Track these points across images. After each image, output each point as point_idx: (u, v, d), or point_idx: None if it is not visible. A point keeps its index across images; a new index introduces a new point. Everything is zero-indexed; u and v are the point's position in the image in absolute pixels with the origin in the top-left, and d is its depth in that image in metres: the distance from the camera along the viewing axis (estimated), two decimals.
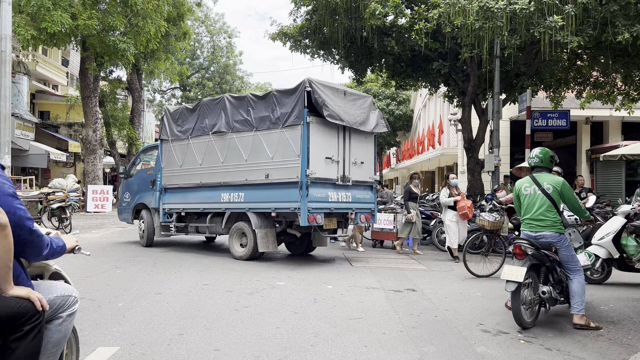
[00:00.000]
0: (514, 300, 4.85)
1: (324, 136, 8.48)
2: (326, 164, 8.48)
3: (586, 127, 19.70)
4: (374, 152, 9.80)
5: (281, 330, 4.68)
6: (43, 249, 2.38)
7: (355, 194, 9.11)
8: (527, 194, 5.22)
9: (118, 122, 26.03)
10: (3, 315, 2.06)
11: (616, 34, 9.43)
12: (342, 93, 8.94)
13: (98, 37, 18.34)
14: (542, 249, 5.01)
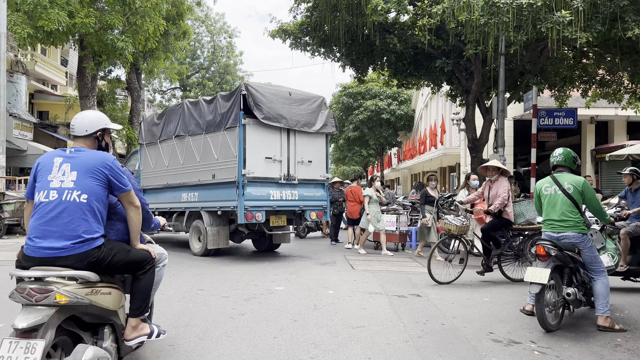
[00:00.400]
0: (537, 302, 4.73)
1: (264, 137, 8.89)
2: (266, 163, 8.92)
3: (591, 127, 19.40)
4: (325, 151, 10.02)
5: (279, 340, 4.39)
6: (151, 223, 3.71)
7: (303, 192, 9.51)
8: (548, 194, 5.11)
9: (117, 122, 25.76)
10: (136, 259, 3.30)
11: (626, 29, 9.13)
12: (286, 94, 9.39)
13: (96, 35, 18.06)
14: (565, 250, 4.89)
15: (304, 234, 13.48)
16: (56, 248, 2.91)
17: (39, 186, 3.09)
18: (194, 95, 44.53)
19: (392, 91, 31.00)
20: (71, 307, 2.85)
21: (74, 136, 3.28)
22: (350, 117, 31.82)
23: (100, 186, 3.10)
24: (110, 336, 3.17)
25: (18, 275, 2.87)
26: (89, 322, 3.06)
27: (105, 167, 3.14)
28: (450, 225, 7.30)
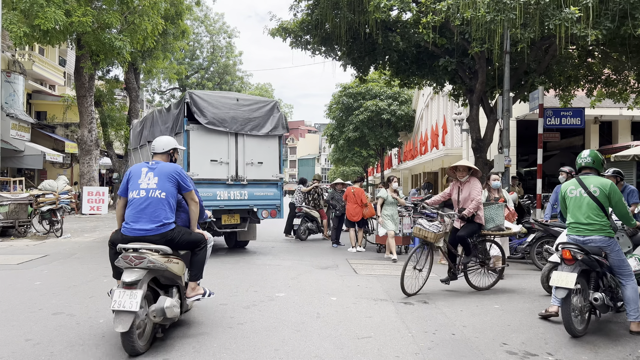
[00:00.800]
0: (564, 307, 4.66)
1: (209, 141, 9.34)
2: (212, 165, 9.34)
3: (595, 127, 19.15)
4: (277, 152, 10.28)
5: (280, 353, 4.13)
6: (204, 215, 4.98)
7: (253, 192, 9.86)
8: (573, 196, 5.01)
9: (115, 123, 25.49)
10: (195, 239, 4.56)
11: (636, 26, 8.88)
12: (233, 100, 9.78)
13: (93, 34, 17.80)
14: (591, 253, 4.79)
15: (305, 236, 13.19)
16: (145, 229, 4.28)
17: (132, 187, 4.46)
18: None
19: (392, 91, 30.74)
20: (155, 270, 4.20)
21: (154, 153, 4.75)
22: (350, 118, 31.56)
23: (173, 187, 4.48)
24: (176, 294, 4.51)
25: (123, 247, 4.17)
26: (163, 283, 4.43)
27: (176, 173, 4.53)
28: (426, 232, 6.45)
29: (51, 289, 6.39)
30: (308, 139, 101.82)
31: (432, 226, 6.53)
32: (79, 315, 5.14)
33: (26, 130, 24.55)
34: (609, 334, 4.91)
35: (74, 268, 8.06)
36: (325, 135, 38.65)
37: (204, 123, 9.22)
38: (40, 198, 12.27)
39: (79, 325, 4.78)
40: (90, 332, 4.59)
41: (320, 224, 13.51)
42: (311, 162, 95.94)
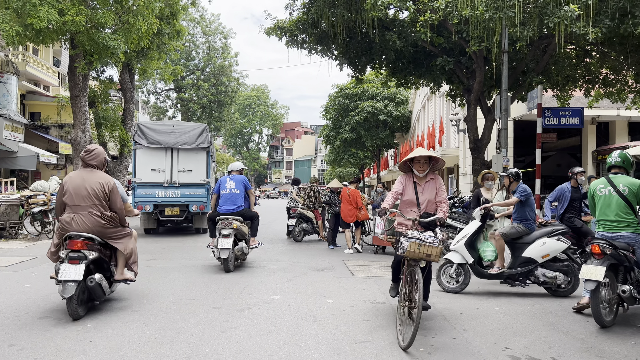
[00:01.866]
0: (593, 298, 4.94)
1: (151, 155, 13.02)
2: (152, 173, 12.98)
3: (592, 128, 19.07)
4: (205, 162, 13.43)
5: (274, 358, 3.97)
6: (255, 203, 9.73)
7: (185, 192, 13.17)
8: (602, 195, 5.30)
9: (109, 123, 25.25)
10: (253, 214, 8.68)
11: (636, 25, 8.76)
12: (170, 127, 13.52)
13: (87, 34, 17.57)
14: (619, 249, 5.07)
15: (300, 237, 13.02)
16: (230, 209, 8.18)
17: (222, 188, 8.38)
18: (189, 97, 44.09)
19: (388, 92, 30.62)
20: (237, 230, 7.97)
21: (230, 171, 8.82)
22: (346, 119, 31.41)
23: (243, 187, 8.42)
24: (245, 244, 8.21)
25: (220, 218, 8.04)
26: (239, 238, 8.18)
27: (245, 181, 8.53)
28: (430, 249, 4.51)
29: (39, 292, 6.21)
30: (304, 141, 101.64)
31: (431, 237, 4.58)
32: (66, 319, 4.96)
33: (20, 131, 24.31)
34: (617, 338, 4.77)
35: None
36: (321, 136, 38.50)
37: (144, 144, 12.97)
38: (31, 199, 12.06)
39: (66, 330, 4.60)
40: (77, 336, 4.41)
41: (316, 224, 13.33)
42: (307, 163, 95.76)
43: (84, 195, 5.19)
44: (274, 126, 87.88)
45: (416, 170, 5.21)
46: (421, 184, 5.23)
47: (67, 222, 5.14)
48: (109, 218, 5.29)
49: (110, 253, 5.50)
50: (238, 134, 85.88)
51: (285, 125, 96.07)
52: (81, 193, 5.19)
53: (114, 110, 25.97)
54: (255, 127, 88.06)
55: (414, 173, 5.26)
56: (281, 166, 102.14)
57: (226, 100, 45.23)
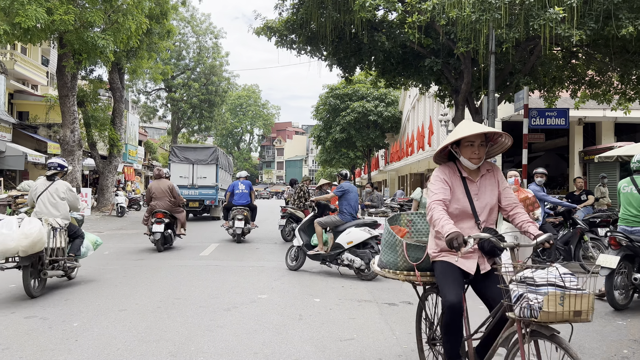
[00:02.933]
0: (607, 283, 5.62)
1: (180, 167, 19.28)
2: (180, 178, 18.80)
3: (579, 128, 19.29)
4: (215, 172, 19.62)
5: (260, 356, 4.01)
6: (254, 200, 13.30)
7: (201, 191, 19.30)
8: (625, 192, 5.92)
9: (99, 123, 25.11)
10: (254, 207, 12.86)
11: (620, 27, 8.90)
12: (193, 148, 20.81)
13: (76, 33, 17.49)
14: (635, 242, 5.71)
15: (290, 237, 13.04)
16: (242, 203, 12.28)
17: (236, 189, 12.51)
18: (180, 97, 43.93)
19: (379, 93, 30.75)
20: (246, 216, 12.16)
21: (239, 177, 12.83)
22: (337, 119, 31.51)
23: (249, 189, 12.62)
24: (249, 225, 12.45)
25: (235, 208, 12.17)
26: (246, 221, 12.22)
27: (250, 184, 12.79)
28: (580, 301, 2.46)
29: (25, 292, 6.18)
30: (295, 141, 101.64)
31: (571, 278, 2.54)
32: (53, 318, 4.97)
33: (7, 130, 24.10)
34: (596, 335, 4.86)
35: None
36: (312, 136, 38.57)
37: (175, 160, 19.49)
38: (19, 199, 12.00)
39: (51, 330, 4.61)
40: (63, 336, 4.43)
41: None
42: (299, 163, 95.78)
43: (161, 191, 10.57)
44: (265, 126, 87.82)
45: (467, 160, 3.17)
46: (475, 180, 3.21)
47: (154, 205, 10.51)
48: (173, 202, 10.68)
49: (174, 220, 10.76)
50: (229, 134, 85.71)
51: (276, 125, 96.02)
52: (159, 190, 10.58)
53: (103, 109, 25.84)
54: (247, 127, 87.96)
55: (461, 164, 3.21)
56: (272, 166, 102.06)
57: (217, 100, 45.16)
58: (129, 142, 34.47)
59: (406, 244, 3.37)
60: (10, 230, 5.54)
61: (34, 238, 5.57)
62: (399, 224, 3.79)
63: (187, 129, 49.05)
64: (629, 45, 10.46)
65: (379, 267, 3.61)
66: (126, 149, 32.89)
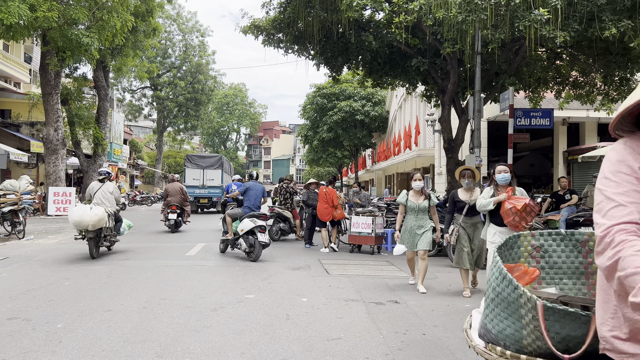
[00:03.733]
0: None
1: (193, 171, 24.17)
2: (193, 180, 23.88)
3: (563, 129, 19.53)
4: (220, 175, 24.43)
5: (247, 356, 3.99)
6: None
7: (209, 191, 24.02)
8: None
9: (83, 122, 24.80)
10: None
11: (603, 29, 9.02)
12: (203, 156, 26.42)
13: (59, 30, 17.24)
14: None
15: (277, 236, 13.03)
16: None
17: (230, 188, 13.64)
18: (165, 95, 43.59)
19: (366, 92, 30.81)
20: None
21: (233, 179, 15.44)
22: (324, 118, 31.50)
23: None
24: None
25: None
26: None
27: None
28: None
29: (8, 293, 6.10)
30: (282, 140, 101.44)
31: None
32: (36, 320, 4.90)
33: None
34: None
35: (34, 271, 7.74)
36: (299, 135, 38.54)
37: (190, 166, 24.38)
38: (1, 199, 11.80)
39: (35, 331, 4.54)
40: (47, 337, 4.37)
41: (293, 224, 13.36)
42: (286, 162, 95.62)
43: (174, 191, 14.45)
44: (252, 125, 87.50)
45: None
46: None
47: (169, 200, 14.35)
48: (183, 198, 14.51)
49: (183, 211, 14.53)
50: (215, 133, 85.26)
51: (263, 124, 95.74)
52: (174, 190, 14.44)
53: (87, 108, 25.54)
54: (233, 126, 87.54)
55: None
56: (259, 165, 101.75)
57: (203, 98, 44.90)
58: (114, 140, 34.12)
59: (544, 307, 1.68)
60: (85, 211, 8.70)
61: (100, 217, 8.75)
62: (519, 255, 2.19)
63: (173, 128, 48.68)
64: (612, 46, 10.61)
65: (480, 340, 2.03)
66: (111, 148, 32.55)
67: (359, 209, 11.04)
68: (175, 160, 53.85)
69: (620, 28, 8.85)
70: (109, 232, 9.28)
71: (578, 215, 10.69)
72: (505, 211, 5.44)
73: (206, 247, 11.05)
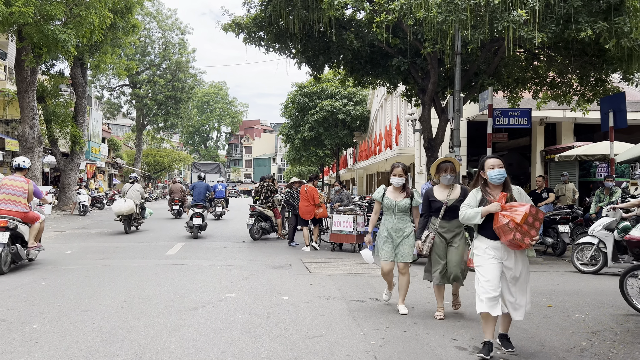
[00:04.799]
0: None
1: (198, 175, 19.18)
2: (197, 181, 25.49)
3: (540, 128, 19.85)
4: (218, 177, 26.57)
5: (227, 355, 3.97)
6: None
7: None
8: None
9: (60, 119, 24.35)
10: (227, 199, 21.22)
11: (579, 30, 9.20)
12: (205, 164, 47.74)
13: (35, 26, 16.89)
14: None
15: (258, 235, 12.97)
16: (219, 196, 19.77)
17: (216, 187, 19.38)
18: (145, 93, 43.05)
19: (347, 91, 30.89)
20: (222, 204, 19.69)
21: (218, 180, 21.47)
22: (306, 117, 31.50)
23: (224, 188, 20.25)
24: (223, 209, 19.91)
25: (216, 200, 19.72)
26: None
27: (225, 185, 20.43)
28: None
29: None
30: (264, 139, 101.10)
31: None
32: (11, 320, 4.80)
33: None
34: (556, 328, 5.02)
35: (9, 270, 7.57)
36: (281, 134, 38.48)
37: (194, 171, 41.24)
38: None
39: (10, 332, 4.45)
40: (23, 338, 4.28)
41: (275, 223, 13.32)
42: (267, 161, 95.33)
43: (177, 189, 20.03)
44: (232, 124, 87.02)
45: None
46: None
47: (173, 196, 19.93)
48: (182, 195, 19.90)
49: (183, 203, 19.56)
50: (196, 132, 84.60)
51: (244, 123, 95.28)
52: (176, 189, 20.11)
53: (64, 105, 25.09)
54: (214, 124, 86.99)
55: None
56: (240, 164, 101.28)
57: (183, 96, 44.44)
58: (92, 139, 33.60)
59: None
60: (121, 203, 13.06)
61: (130, 207, 13.07)
62: None
63: (152, 126, 48.10)
64: (588, 48, 10.83)
65: None
66: (89, 146, 32.04)
67: (340, 207, 11.07)
68: (154, 159, 53.18)
69: (595, 30, 9.04)
70: (137, 216, 13.88)
71: (555, 213, 10.89)
72: (501, 227, 3.99)
73: (186, 247, 10.96)
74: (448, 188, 5.45)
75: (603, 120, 12.69)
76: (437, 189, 5.54)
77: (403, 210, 5.62)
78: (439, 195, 5.44)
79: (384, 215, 5.80)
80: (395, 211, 5.62)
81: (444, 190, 5.45)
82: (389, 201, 5.64)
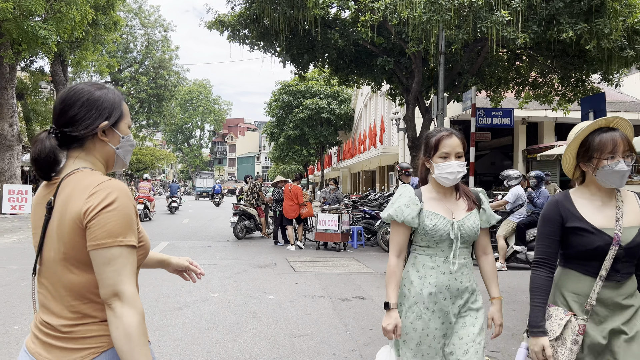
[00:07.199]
0: None
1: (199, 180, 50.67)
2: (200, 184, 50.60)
3: (522, 128, 20.11)
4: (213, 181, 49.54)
5: (213, 355, 3.95)
6: None
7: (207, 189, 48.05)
8: None
9: (40, 117, 23.98)
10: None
11: (560, 31, 9.34)
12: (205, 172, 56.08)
13: (15, 22, 16.60)
14: None
15: (242, 234, 12.92)
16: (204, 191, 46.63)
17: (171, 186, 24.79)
18: (127, 91, 42.57)
19: (332, 90, 30.93)
20: None
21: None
22: (290, 116, 31.46)
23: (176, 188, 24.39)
24: None
25: None
26: None
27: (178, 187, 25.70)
28: None
29: None
30: (248, 137, 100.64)
31: None
32: None
33: None
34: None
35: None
36: (265, 133, 38.37)
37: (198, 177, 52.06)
38: None
39: None
40: (3, 339, 4.21)
41: (258, 222, 13.28)
42: (251, 160, 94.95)
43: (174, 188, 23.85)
44: (216, 122, 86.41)
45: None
46: None
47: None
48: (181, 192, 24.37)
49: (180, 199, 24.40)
50: (179, 130, 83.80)
51: (228, 121, 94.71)
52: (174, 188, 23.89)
53: (45, 103, 24.72)
54: (197, 122, 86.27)
55: None
56: (224, 163, 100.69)
57: (166, 94, 44.05)
58: None
59: None
60: None
61: None
62: None
63: (134, 124, 47.58)
64: (569, 49, 11.00)
65: None
66: None
67: (325, 206, 11.08)
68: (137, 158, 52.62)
69: (577, 31, 9.19)
70: None
71: None
72: None
73: (170, 246, 10.87)
74: (611, 196, 2.10)
75: (583, 120, 12.88)
76: (580, 197, 2.12)
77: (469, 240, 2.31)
78: (593, 216, 2.07)
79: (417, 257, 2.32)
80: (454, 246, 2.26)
81: (601, 204, 2.09)
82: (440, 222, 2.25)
